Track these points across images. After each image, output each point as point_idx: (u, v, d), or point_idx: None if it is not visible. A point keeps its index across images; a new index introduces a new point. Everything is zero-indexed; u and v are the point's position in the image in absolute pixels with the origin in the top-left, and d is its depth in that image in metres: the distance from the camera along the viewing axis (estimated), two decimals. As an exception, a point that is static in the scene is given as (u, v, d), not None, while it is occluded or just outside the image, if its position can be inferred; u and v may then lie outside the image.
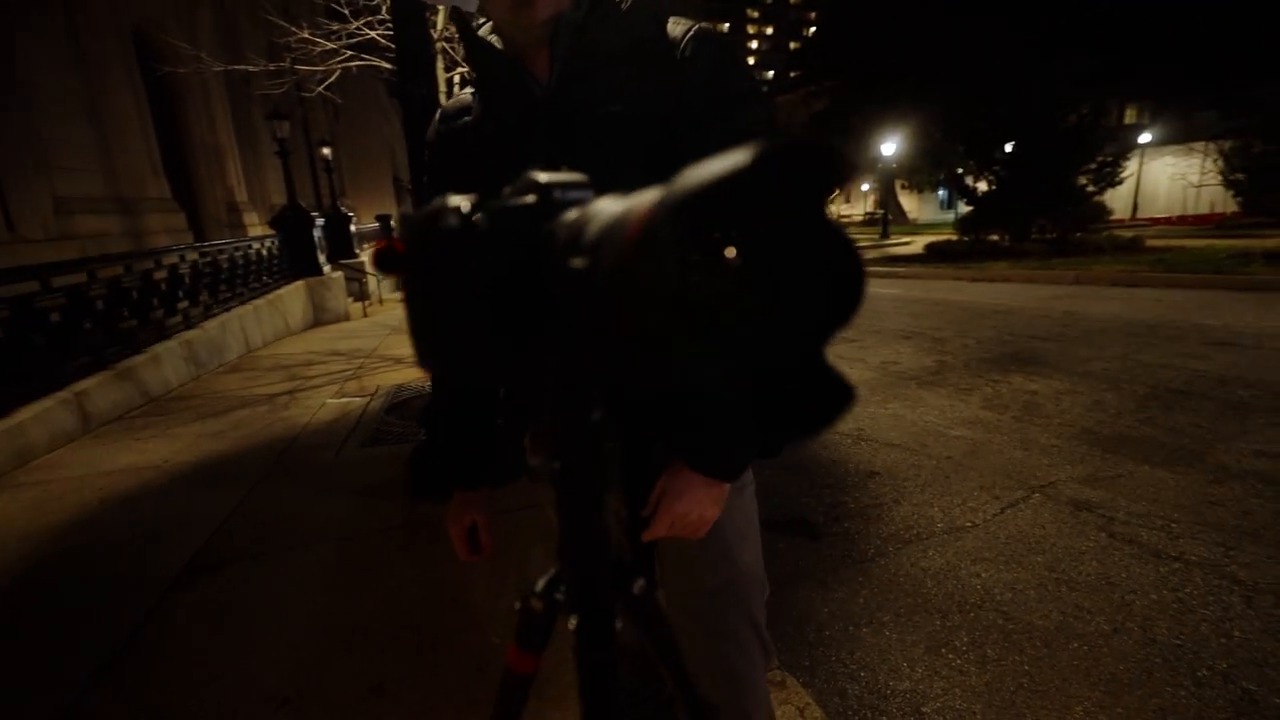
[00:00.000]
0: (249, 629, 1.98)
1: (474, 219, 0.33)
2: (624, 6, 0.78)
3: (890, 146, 21.43)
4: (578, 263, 0.27)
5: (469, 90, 0.90)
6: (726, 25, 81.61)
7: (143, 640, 1.94)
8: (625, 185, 0.85)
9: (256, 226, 11.70)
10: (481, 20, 0.85)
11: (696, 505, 0.81)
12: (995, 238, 13.65)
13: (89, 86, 8.17)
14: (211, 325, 6.21)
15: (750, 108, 0.78)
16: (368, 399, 4.66)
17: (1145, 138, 23.49)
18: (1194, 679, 1.60)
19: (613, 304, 0.25)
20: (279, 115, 9.07)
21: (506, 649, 0.58)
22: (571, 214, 0.32)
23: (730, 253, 0.20)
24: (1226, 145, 13.06)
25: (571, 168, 0.76)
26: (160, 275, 5.60)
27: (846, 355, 5.33)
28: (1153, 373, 4.22)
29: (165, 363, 5.30)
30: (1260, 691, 1.54)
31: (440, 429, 1.00)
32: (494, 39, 0.82)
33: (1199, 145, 22.84)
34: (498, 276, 0.33)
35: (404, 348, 6.93)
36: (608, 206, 0.28)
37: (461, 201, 0.34)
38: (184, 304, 5.96)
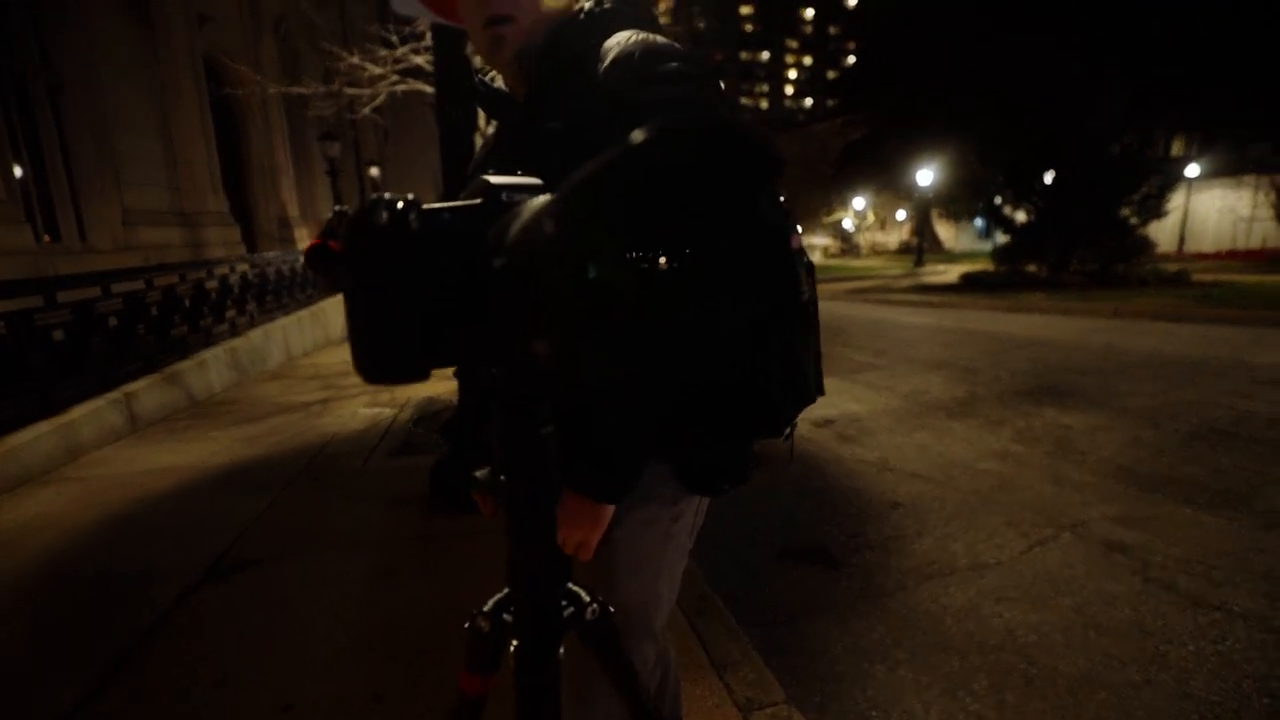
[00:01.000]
0: (262, 632, 2.02)
1: (409, 217, 0.34)
2: (578, 24, 0.82)
3: (927, 176, 21.21)
4: (499, 261, 0.29)
5: None
6: (766, 55, 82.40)
7: (156, 639, 2.00)
8: None
9: (305, 241, 12.13)
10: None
11: (576, 528, 0.78)
12: (1033, 269, 13.35)
13: (161, 107, 8.69)
14: (256, 334, 6.45)
15: (657, 86, 0.74)
16: (397, 410, 4.77)
17: (1193, 169, 22.75)
18: (1229, 736, 1.51)
19: (524, 303, 0.26)
20: (330, 136, 9.48)
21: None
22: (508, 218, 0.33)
23: (660, 250, 0.21)
24: (1279, 178, 12.63)
25: None
26: (212, 285, 5.87)
27: (875, 383, 5.25)
28: (1196, 410, 4.05)
29: (210, 368, 5.52)
30: (1302, 753, 1.46)
31: (461, 437, 1.02)
32: (499, 83, 0.92)
33: (1249, 178, 22.04)
34: (430, 276, 0.33)
35: (435, 362, 7.08)
36: (529, 206, 0.30)
37: (397, 199, 0.34)
38: (232, 313, 6.22)
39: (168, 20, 8.60)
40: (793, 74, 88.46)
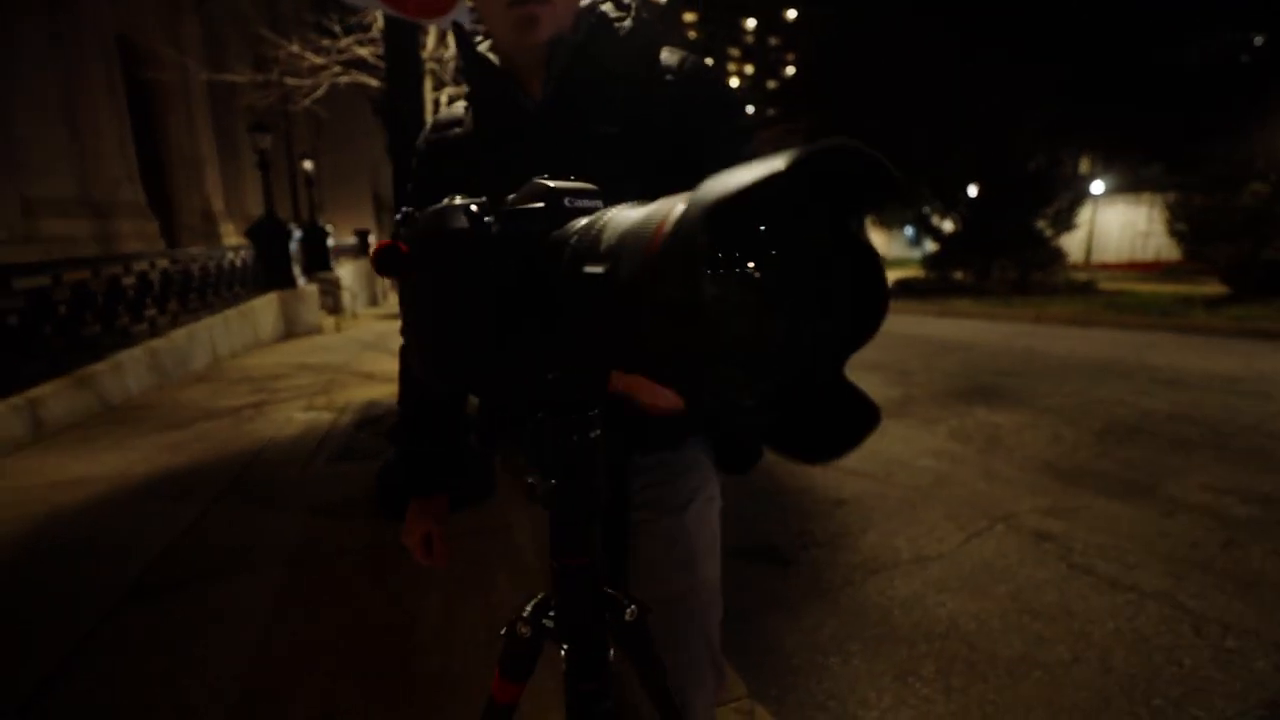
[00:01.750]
0: (196, 654, 1.90)
1: (486, 222, 0.34)
2: (621, 34, 0.82)
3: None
4: (593, 269, 0.29)
5: (462, 104, 0.92)
6: (710, 62, 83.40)
7: (78, 667, 1.85)
8: (615, 202, 0.85)
9: (232, 236, 11.50)
10: (480, 37, 0.88)
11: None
12: (960, 275, 14.14)
13: (67, 89, 8.02)
14: (179, 334, 6.05)
15: (748, 141, 0.84)
16: (337, 414, 4.58)
17: (1098, 186, 24.69)
18: (1149, 708, 1.65)
19: (633, 312, 0.26)
20: (261, 128, 9.00)
21: (488, 677, 0.55)
22: (582, 221, 0.33)
23: (755, 266, 0.22)
24: (1170, 198, 13.88)
25: None
26: (129, 281, 5.47)
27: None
28: (1107, 409, 4.39)
29: (128, 371, 5.14)
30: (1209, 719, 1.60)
31: (404, 438, 0.99)
32: (492, 56, 0.85)
33: (1146, 195, 24.11)
34: (504, 281, 0.33)
35: (377, 363, 6.83)
36: (624, 214, 0.30)
37: (471, 202, 0.34)
38: (152, 312, 5.81)
39: (76, -4, 7.98)
40: (735, 82, 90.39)
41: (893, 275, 18.09)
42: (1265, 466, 3.28)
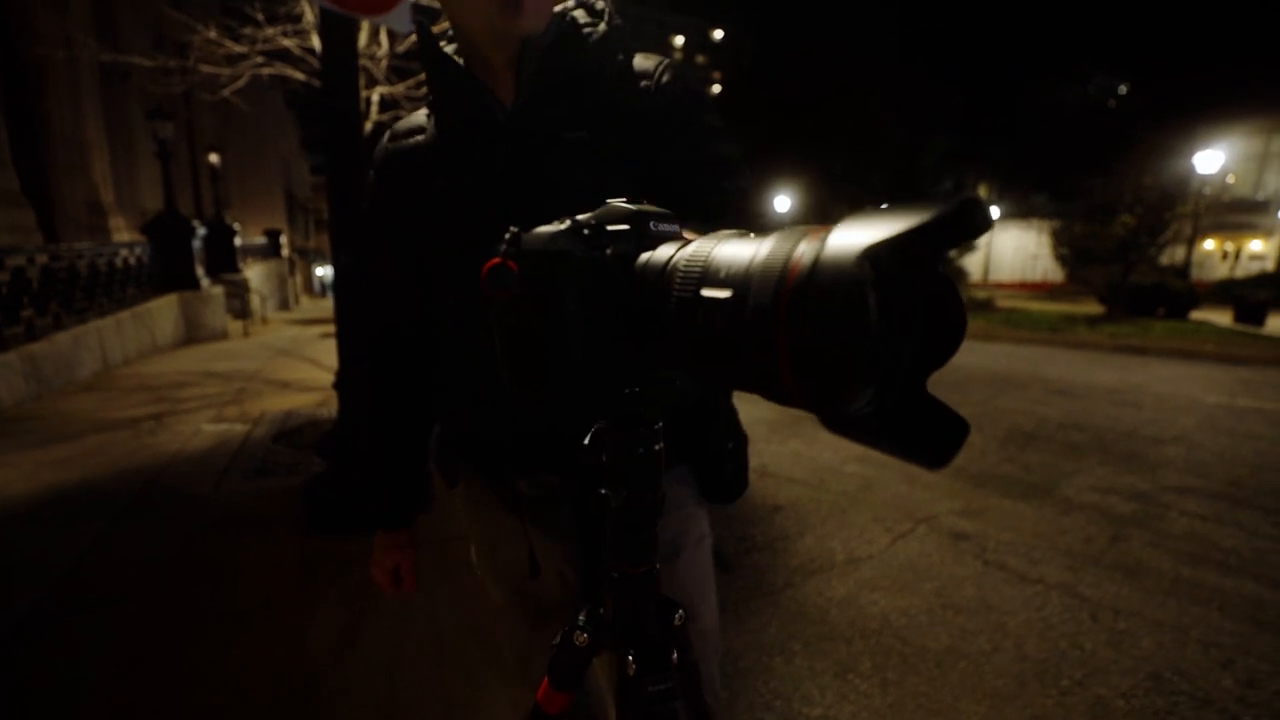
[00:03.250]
0: (98, 695, 1.73)
1: (596, 243, 0.35)
2: (593, 37, 0.80)
3: (785, 202, 23.09)
4: (715, 293, 0.31)
5: (422, 112, 0.88)
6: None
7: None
8: (587, 208, 0.83)
9: (123, 231, 10.50)
10: (441, 36, 0.84)
11: None
12: (876, 292, 15.05)
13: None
14: (62, 338, 5.47)
15: (736, 171, 0.82)
16: (250, 426, 4.28)
17: (994, 212, 26.96)
18: (1058, 689, 1.81)
19: (767, 335, 0.28)
20: (161, 114, 8.31)
21: (436, 700, 0.53)
22: (677, 247, 0.35)
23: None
24: (1055, 225, 15.39)
25: (536, 191, 0.77)
26: (2, 278, 4.89)
27: (749, 397, 5.59)
28: (1009, 417, 4.79)
29: (-2, 379, 4.59)
30: (1109, 695, 1.78)
31: (372, 469, 0.96)
32: (457, 59, 0.81)
33: (1035, 221, 26.55)
34: (607, 301, 0.35)
35: (292, 371, 6.44)
36: (736, 245, 0.32)
37: (584, 226, 0.35)
38: (29, 313, 5.21)
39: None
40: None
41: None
42: (1140, 467, 3.68)
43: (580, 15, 0.82)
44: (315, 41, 4.02)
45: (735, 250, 0.32)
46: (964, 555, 2.63)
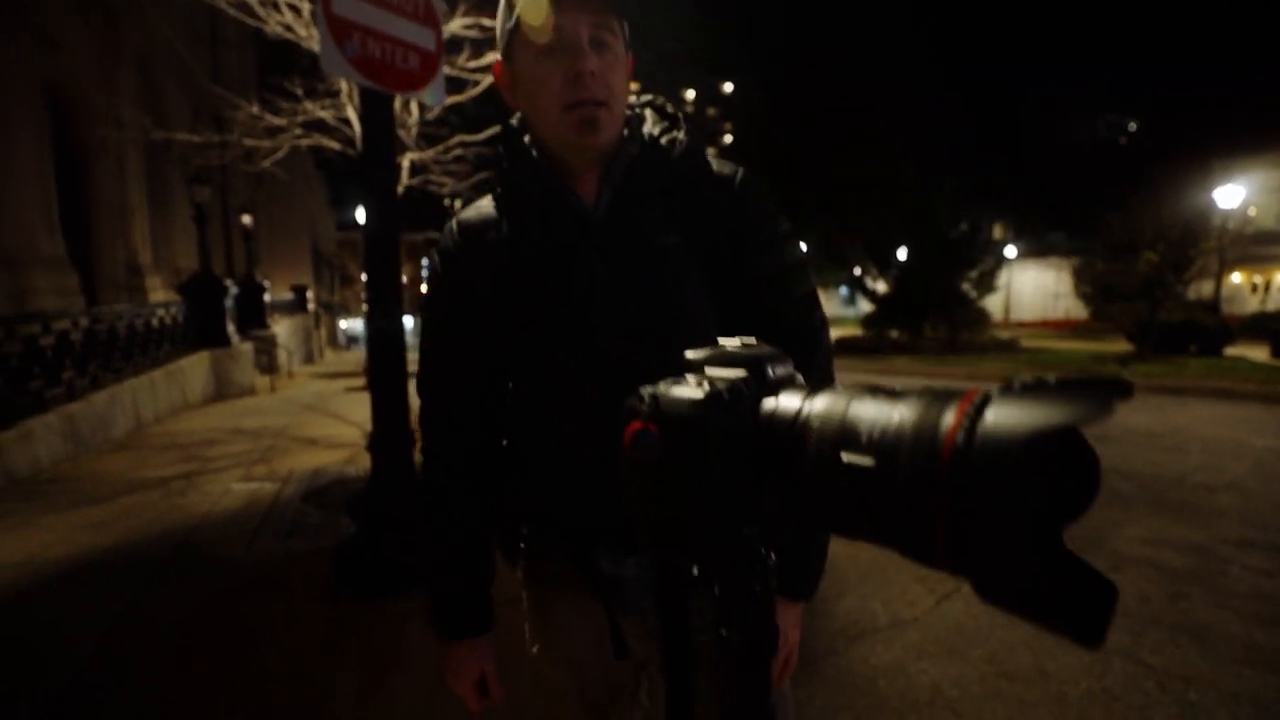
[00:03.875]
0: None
1: (737, 407, 0.35)
2: (676, 148, 0.83)
3: (800, 247, 23.30)
4: (857, 459, 0.31)
5: (487, 201, 0.88)
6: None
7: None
8: (681, 310, 0.84)
9: (159, 290, 10.89)
10: (523, 132, 0.86)
11: (794, 629, 0.89)
12: (895, 334, 14.93)
13: (-15, 136, 7.58)
14: (99, 398, 5.60)
15: (793, 246, 0.88)
16: (280, 485, 4.30)
17: (1011, 251, 26.96)
18: (1131, 769, 1.69)
19: (921, 506, 0.29)
20: (200, 179, 8.72)
21: None
22: (804, 400, 0.35)
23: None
24: (1075, 263, 15.32)
25: (626, 293, 0.79)
26: (47, 341, 5.06)
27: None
28: (1046, 465, 4.65)
29: (38, 439, 4.69)
30: (1188, 779, 1.66)
31: (444, 579, 0.92)
32: (535, 155, 0.83)
33: (1054, 260, 26.42)
34: (739, 455, 0.35)
35: (319, 427, 6.51)
36: (874, 406, 0.32)
37: (723, 390, 0.35)
38: (70, 373, 5.37)
39: (4, 41, 7.64)
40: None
41: (832, 334, 18.92)
42: (1193, 518, 3.53)
43: (651, 117, 0.86)
44: (350, 113, 4.23)
45: (872, 412, 0.32)
46: (1012, 617, 2.51)
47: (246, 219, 13.27)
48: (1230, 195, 13.72)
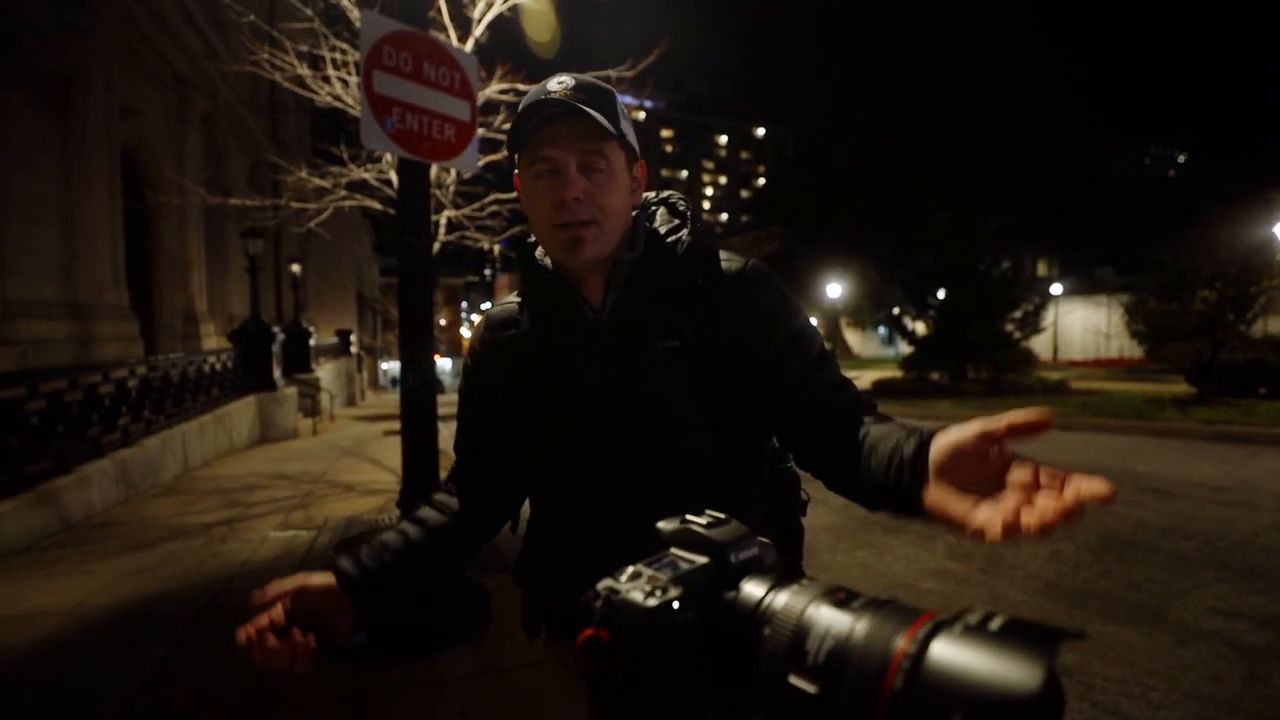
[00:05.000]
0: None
1: (688, 617, 0.35)
2: (680, 247, 0.85)
3: (836, 289, 23.17)
4: (802, 684, 0.29)
5: (514, 297, 0.94)
6: (685, 173, 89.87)
7: None
8: (682, 416, 0.83)
9: (212, 337, 11.44)
10: (534, 241, 0.92)
11: None
12: (936, 376, 14.52)
13: (67, 195, 8.21)
14: (151, 443, 5.85)
15: (829, 365, 0.85)
16: (315, 533, 4.37)
17: (1057, 288, 26.22)
18: None
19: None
20: (254, 233, 9.24)
21: None
22: (766, 591, 0.34)
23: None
24: (1127, 300, 14.73)
25: (629, 396, 0.80)
26: (107, 390, 5.34)
27: (814, 495, 5.36)
28: (1100, 520, 4.38)
29: (93, 484, 4.90)
30: None
31: (377, 545, 0.88)
32: (547, 262, 0.88)
33: (1102, 297, 25.54)
34: (696, 657, 0.34)
35: (356, 472, 6.64)
36: (828, 624, 0.31)
37: (673, 599, 0.35)
38: (125, 419, 5.64)
39: (86, 109, 8.33)
40: (709, 191, 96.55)
41: (871, 376, 18.53)
42: (1268, 584, 3.26)
43: (662, 215, 0.89)
44: (392, 174, 4.46)
45: (824, 623, 0.32)
46: (1068, 695, 2.33)
47: (296, 268, 13.94)
48: (1291, 230, 13.14)
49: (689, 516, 0.41)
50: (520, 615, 0.98)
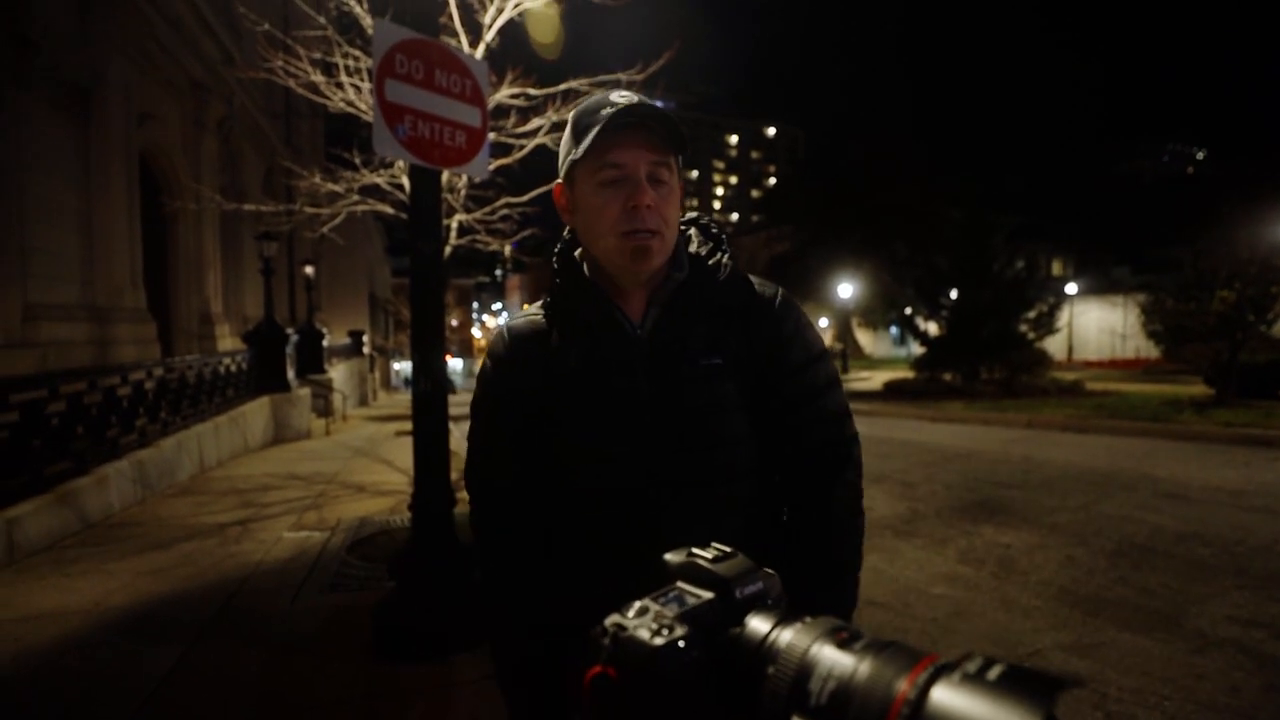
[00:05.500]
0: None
1: (693, 656, 0.35)
2: (721, 270, 0.89)
3: (847, 289, 23.03)
4: None
5: (537, 308, 0.93)
6: (695, 173, 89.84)
7: None
8: (720, 430, 0.86)
9: (227, 339, 11.59)
10: (575, 250, 0.91)
11: None
12: (948, 377, 14.38)
13: (86, 200, 8.36)
14: (168, 443, 5.94)
15: (824, 364, 0.91)
16: (328, 534, 4.42)
17: (1072, 288, 25.89)
18: None
19: None
20: (269, 236, 9.35)
21: None
22: (771, 628, 0.35)
23: None
24: (1143, 300, 14.49)
25: (673, 411, 0.82)
26: (124, 392, 5.42)
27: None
28: (1116, 526, 4.33)
29: (111, 485, 4.98)
30: None
31: (517, 688, 0.91)
32: (585, 272, 0.88)
33: (1118, 297, 25.18)
34: (702, 697, 0.35)
35: (368, 473, 6.70)
36: (831, 664, 0.31)
37: (678, 637, 0.36)
38: (142, 420, 5.73)
39: (106, 115, 8.47)
40: (720, 191, 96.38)
41: (883, 376, 18.40)
42: (1287, 593, 3.20)
43: (696, 237, 0.92)
44: (404, 179, 4.50)
45: (827, 664, 0.32)
46: (1081, 706, 2.31)
47: (309, 270, 14.08)
48: (1313, 229, 12.87)
49: (694, 550, 0.42)
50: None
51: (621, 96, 0.80)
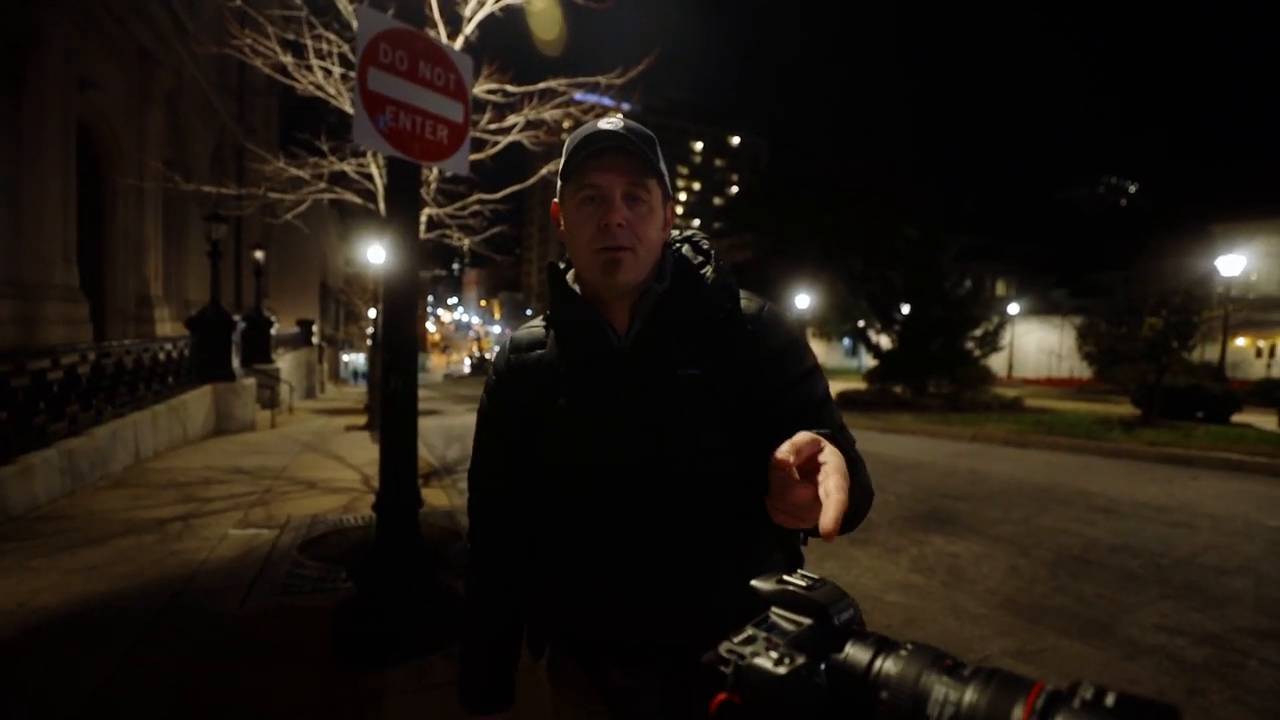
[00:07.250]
0: None
1: (817, 681, 0.36)
2: (705, 283, 0.90)
3: (804, 299, 23.54)
4: None
5: (539, 321, 0.97)
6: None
7: None
8: (701, 441, 0.87)
9: (167, 323, 11.00)
10: (566, 268, 0.95)
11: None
12: (898, 390, 14.89)
13: (15, 168, 7.79)
14: (101, 432, 5.59)
15: (818, 379, 0.92)
16: (278, 532, 4.25)
17: (1014, 308, 27.21)
18: None
19: None
20: (218, 217, 8.91)
21: None
22: (873, 655, 0.36)
23: None
24: (1078, 322, 15.35)
25: (650, 420, 0.83)
26: (55, 376, 5.08)
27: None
28: (1054, 538, 4.57)
29: (37, 475, 4.66)
30: None
31: (478, 657, 0.99)
32: (576, 286, 0.92)
33: (1056, 319, 26.59)
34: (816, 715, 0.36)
35: (318, 468, 6.47)
36: (950, 690, 0.33)
37: (799, 666, 0.36)
38: (74, 407, 5.37)
39: (42, 78, 7.92)
40: (683, 196, 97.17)
41: (836, 386, 18.86)
42: (1206, 603, 3.45)
43: (688, 252, 0.94)
44: (374, 168, 4.36)
45: (942, 690, 0.33)
46: (1028, 710, 2.43)
47: (259, 254, 13.48)
48: (1232, 264, 13.91)
49: (785, 577, 0.43)
50: (528, 639, 1.00)
51: (608, 123, 0.85)
